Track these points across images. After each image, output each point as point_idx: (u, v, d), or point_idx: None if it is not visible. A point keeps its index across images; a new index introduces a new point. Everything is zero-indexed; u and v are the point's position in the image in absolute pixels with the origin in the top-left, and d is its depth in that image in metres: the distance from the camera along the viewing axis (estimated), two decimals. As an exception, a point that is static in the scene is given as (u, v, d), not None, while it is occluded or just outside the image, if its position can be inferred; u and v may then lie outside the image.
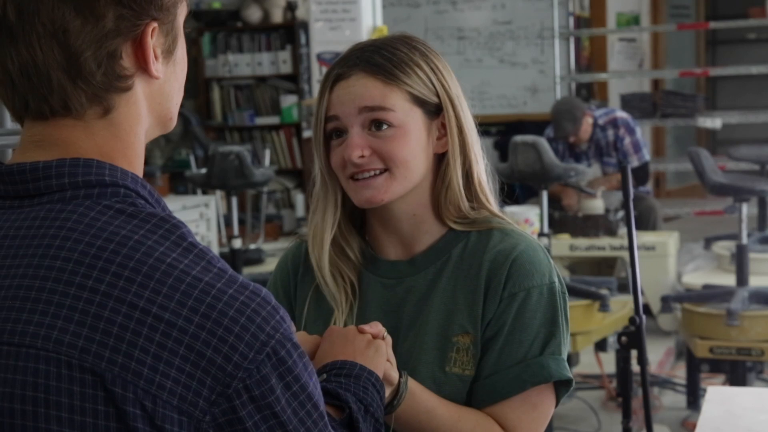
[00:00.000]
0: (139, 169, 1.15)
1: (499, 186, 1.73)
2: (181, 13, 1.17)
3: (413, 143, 1.59)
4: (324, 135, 1.61)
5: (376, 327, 1.48)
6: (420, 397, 1.52)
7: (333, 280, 1.64)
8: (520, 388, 1.55)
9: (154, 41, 1.12)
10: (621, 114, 6.48)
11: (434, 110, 1.61)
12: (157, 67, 1.13)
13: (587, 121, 6.27)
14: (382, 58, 1.59)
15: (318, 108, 1.61)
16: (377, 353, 1.43)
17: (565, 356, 1.59)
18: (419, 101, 1.59)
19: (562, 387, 1.59)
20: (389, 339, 1.48)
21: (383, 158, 1.57)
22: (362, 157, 1.57)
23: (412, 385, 1.52)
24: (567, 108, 6.28)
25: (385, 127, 1.57)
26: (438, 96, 1.61)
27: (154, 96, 1.15)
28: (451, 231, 1.64)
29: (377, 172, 1.58)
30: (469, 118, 1.64)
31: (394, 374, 1.47)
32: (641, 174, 6.34)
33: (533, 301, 1.56)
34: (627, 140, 6.33)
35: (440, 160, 1.63)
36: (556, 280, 1.59)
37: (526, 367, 1.55)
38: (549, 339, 1.56)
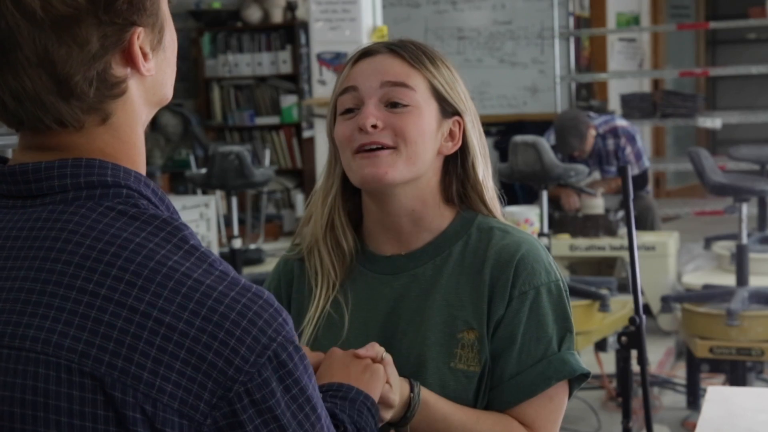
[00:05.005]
0: (142, 167, 1.14)
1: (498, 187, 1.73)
2: None
3: (425, 126, 1.59)
4: (337, 108, 1.62)
5: (373, 350, 1.48)
6: (434, 405, 1.53)
7: (320, 258, 1.65)
8: (546, 385, 1.57)
9: (140, 41, 1.10)
10: (621, 123, 6.44)
11: (450, 111, 1.63)
12: (148, 66, 1.12)
13: (591, 134, 6.22)
14: (411, 45, 1.63)
15: (338, 82, 1.63)
16: (373, 378, 1.43)
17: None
18: (438, 95, 1.61)
19: (575, 381, 1.61)
20: (388, 358, 1.48)
21: (394, 133, 1.57)
22: (375, 127, 1.57)
23: (426, 394, 1.52)
24: (573, 123, 6.17)
25: (400, 106, 1.58)
26: (455, 99, 1.63)
27: (148, 89, 1.14)
28: (450, 229, 1.64)
29: (385, 147, 1.58)
30: (479, 123, 1.66)
31: (393, 397, 1.46)
32: (641, 181, 6.33)
33: (544, 299, 1.58)
34: (628, 150, 6.31)
35: (445, 163, 1.64)
36: (560, 276, 1.62)
37: (548, 364, 1.57)
38: (564, 335, 1.59)
